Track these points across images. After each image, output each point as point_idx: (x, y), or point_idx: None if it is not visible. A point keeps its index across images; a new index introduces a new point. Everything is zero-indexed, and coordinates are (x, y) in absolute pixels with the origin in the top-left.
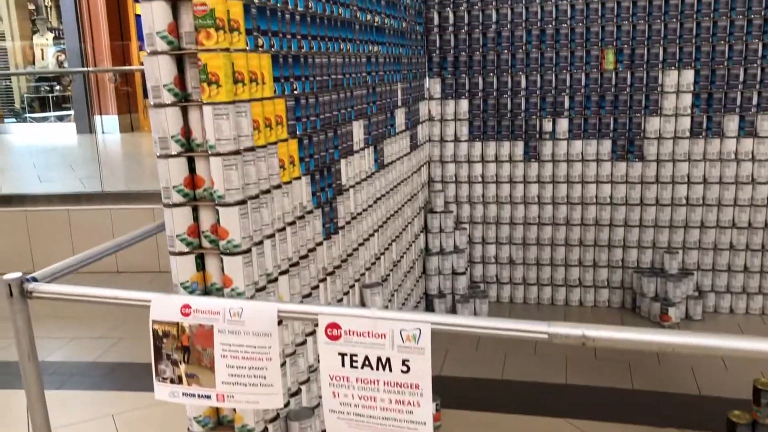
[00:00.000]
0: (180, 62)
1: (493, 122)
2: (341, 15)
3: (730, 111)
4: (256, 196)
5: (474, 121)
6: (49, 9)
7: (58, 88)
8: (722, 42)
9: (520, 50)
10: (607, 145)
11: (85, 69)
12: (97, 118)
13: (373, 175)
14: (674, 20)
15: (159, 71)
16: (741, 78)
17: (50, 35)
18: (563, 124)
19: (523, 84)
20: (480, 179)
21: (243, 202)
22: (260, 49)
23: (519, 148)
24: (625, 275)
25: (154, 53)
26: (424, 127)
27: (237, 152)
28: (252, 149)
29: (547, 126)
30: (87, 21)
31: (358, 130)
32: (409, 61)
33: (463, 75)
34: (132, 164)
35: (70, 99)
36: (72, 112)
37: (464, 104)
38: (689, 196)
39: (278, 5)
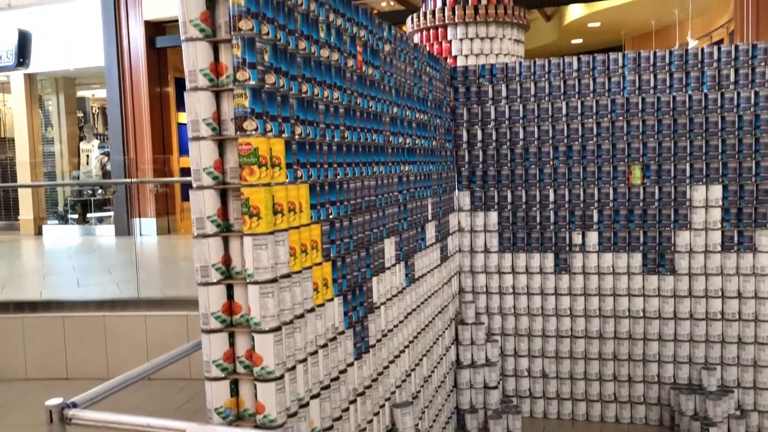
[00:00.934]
0: (223, 195)
1: (523, 234)
2: (375, 141)
3: (761, 225)
4: (291, 322)
5: (504, 232)
6: (96, 116)
7: (100, 191)
8: (749, 158)
9: (548, 165)
10: (638, 258)
11: (128, 180)
12: (135, 220)
13: (404, 290)
14: (699, 138)
15: (204, 204)
16: None
17: (96, 142)
18: (593, 237)
19: (552, 197)
20: (511, 290)
21: (278, 328)
22: (299, 180)
23: (549, 260)
24: (662, 391)
25: (201, 188)
26: (454, 238)
27: (274, 280)
28: (288, 276)
29: (577, 239)
30: (132, 130)
31: (389, 247)
32: (439, 176)
33: (492, 188)
34: (168, 268)
35: (110, 201)
36: (112, 214)
37: (494, 216)
38: (724, 311)
39: (317, 138)
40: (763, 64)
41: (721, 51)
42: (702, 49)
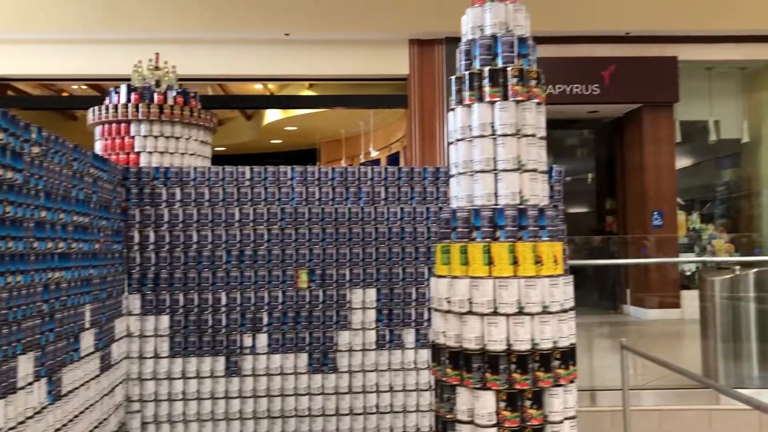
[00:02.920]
0: None
1: (195, 338)
2: (11, 249)
3: (407, 325)
4: None
5: (175, 337)
6: None
7: None
8: (396, 266)
9: (221, 269)
10: (304, 358)
11: None
12: None
13: (45, 410)
14: (357, 246)
15: None
16: (414, 296)
17: None
18: (263, 339)
19: (224, 301)
20: (181, 396)
21: None
22: None
23: (220, 363)
24: None
25: None
26: (120, 345)
27: None
28: None
29: (248, 341)
30: None
31: (25, 364)
32: (102, 281)
33: (164, 291)
34: None
35: None
36: None
37: (165, 320)
38: (379, 404)
39: None
40: (407, 184)
41: (374, 171)
42: (359, 168)
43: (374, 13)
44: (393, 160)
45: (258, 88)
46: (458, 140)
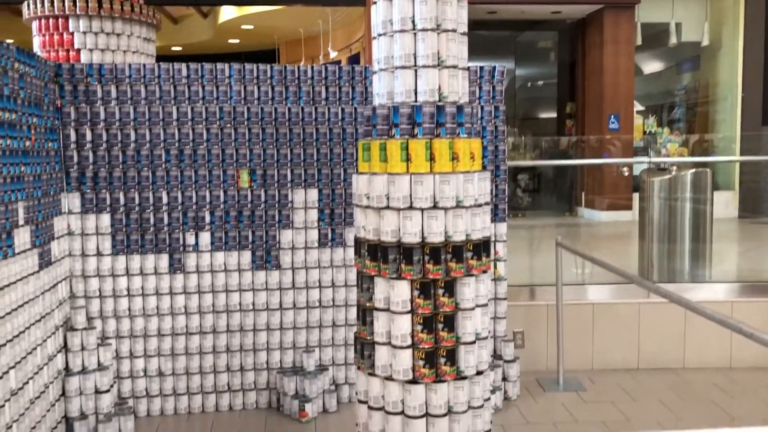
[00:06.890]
0: None
1: (137, 236)
2: None
3: (349, 224)
4: None
5: (117, 235)
6: None
7: None
8: (338, 166)
9: (160, 168)
10: (247, 255)
11: None
12: None
13: None
14: (298, 146)
15: None
16: None
17: None
18: (205, 237)
19: (165, 200)
20: (126, 293)
21: None
22: None
23: (164, 260)
24: (271, 376)
25: None
26: (61, 243)
27: None
28: None
29: (190, 239)
30: None
31: None
32: (36, 178)
33: (104, 190)
34: None
35: None
36: None
37: (106, 218)
38: (321, 299)
39: None
40: (347, 84)
41: (314, 70)
42: (298, 68)
43: None
44: (353, 60)
45: None
46: (380, 35)
